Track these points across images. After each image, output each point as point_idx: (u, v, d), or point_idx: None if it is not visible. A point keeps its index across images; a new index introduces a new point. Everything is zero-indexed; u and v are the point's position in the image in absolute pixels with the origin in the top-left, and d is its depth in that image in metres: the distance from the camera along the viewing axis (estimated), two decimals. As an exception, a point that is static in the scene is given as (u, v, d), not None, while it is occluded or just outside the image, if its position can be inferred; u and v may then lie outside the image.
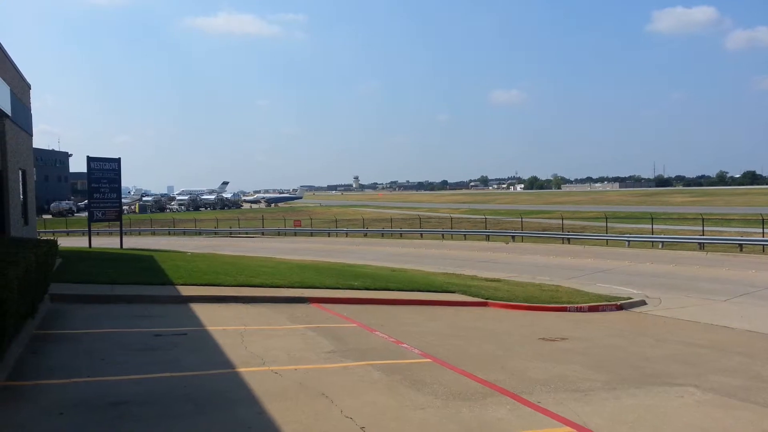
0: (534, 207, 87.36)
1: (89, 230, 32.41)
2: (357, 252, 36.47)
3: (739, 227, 41.36)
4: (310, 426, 6.13)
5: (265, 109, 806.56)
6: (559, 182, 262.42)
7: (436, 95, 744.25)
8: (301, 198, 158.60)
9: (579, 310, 16.19)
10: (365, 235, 51.97)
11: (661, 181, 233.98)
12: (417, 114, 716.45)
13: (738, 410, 7.28)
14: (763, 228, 33.24)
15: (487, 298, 17.12)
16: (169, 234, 60.89)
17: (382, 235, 51.22)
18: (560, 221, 46.65)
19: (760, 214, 35.84)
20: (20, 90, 20.07)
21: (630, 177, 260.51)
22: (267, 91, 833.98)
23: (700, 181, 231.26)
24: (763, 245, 30.21)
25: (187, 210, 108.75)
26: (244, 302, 14.09)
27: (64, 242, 27.01)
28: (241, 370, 8.15)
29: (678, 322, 14.98)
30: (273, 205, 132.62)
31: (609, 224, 41.96)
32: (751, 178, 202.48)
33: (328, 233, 55.13)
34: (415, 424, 6.35)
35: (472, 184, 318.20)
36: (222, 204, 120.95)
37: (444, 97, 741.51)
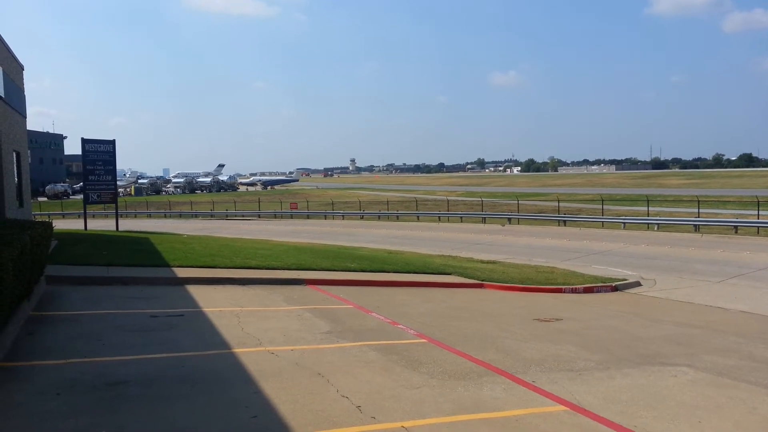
0: (530, 189, 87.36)
1: (84, 212, 32.36)
2: (354, 234, 36.47)
3: (734, 209, 41.41)
4: (306, 405, 6.16)
5: (263, 91, 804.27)
6: (555, 165, 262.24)
7: (435, 78, 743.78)
8: (297, 180, 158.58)
9: (574, 291, 16.26)
10: (362, 218, 51.93)
11: (658, 164, 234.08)
12: (415, 97, 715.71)
13: (730, 389, 7.35)
14: (758, 210, 33.33)
15: (483, 280, 17.16)
16: (165, 216, 60.71)
17: (379, 218, 51.21)
18: (556, 204, 46.69)
19: (756, 197, 35.89)
20: (13, 71, 19.88)
21: (626, 159, 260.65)
22: (265, 74, 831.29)
23: (697, 163, 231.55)
24: (758, 227, 30.28)
25: (183, 192, 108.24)
26: (240, 284, 14.10)
27: (60, 224, 26.97)
28: (238, 350, 8.18)
29: (672, 303, 15.07)
30: (269, 187, 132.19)
31: (605, 206, 41.99)
32: (747, 160, 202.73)
33: (325, 216, 55.06)
34: (410, 403, 6.39)
35: (468, 167, 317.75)
36: (218, 186, 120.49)
37: (443, 80, 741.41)
